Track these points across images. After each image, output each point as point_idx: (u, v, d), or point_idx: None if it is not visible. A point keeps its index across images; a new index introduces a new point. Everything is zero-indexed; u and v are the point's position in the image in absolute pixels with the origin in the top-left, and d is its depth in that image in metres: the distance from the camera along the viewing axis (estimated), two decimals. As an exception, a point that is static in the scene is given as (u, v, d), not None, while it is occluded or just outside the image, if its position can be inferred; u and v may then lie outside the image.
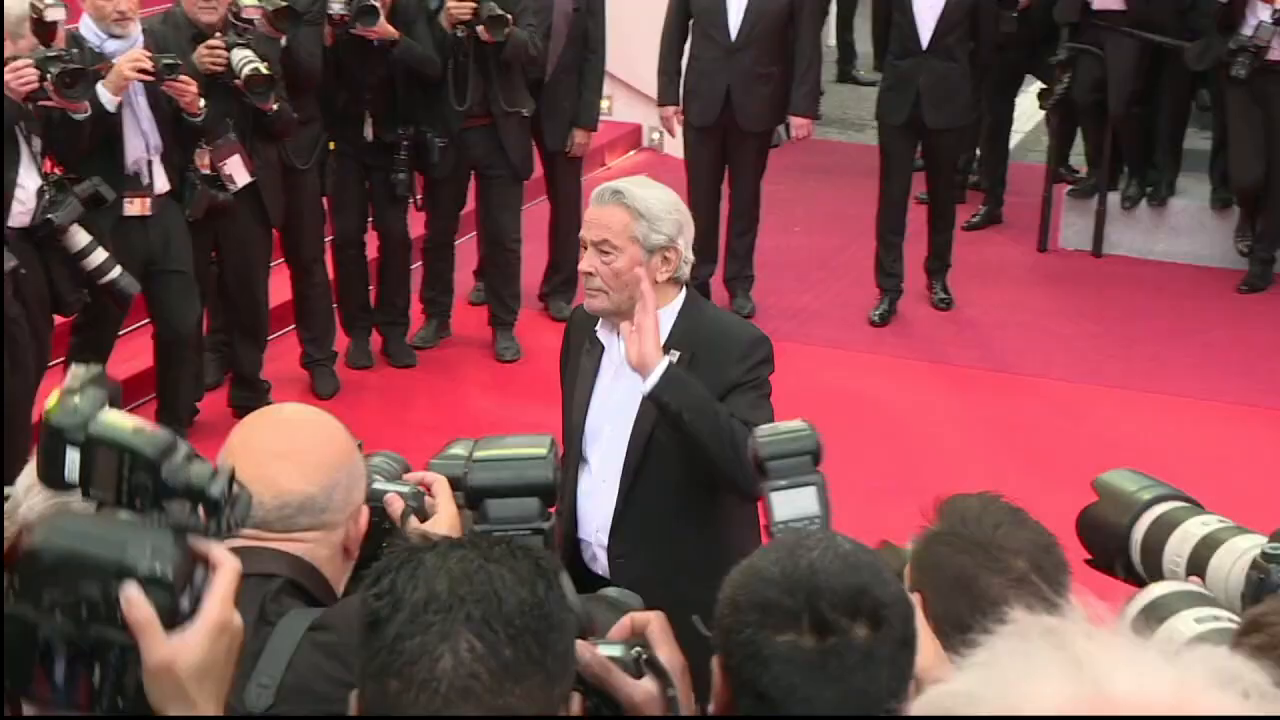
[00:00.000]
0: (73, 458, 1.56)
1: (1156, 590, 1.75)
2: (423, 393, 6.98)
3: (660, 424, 3.53)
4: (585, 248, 3.59)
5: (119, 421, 1.58)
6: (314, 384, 6.87)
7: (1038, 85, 9.11)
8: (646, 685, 1.90)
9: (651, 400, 3.41)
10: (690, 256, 3.63)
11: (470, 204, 7.43)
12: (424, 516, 2.33)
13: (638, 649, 1.92)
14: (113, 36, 5.68)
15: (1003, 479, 2.66)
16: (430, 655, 1.49)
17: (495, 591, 1.52)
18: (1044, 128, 9.75)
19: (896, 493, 5.50)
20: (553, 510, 2.24)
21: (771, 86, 7.56)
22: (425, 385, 7.08)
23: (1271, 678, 0.89)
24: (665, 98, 7.69)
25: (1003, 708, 0.79)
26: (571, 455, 3.71)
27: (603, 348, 3.70)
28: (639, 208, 3.54)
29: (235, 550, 2.07)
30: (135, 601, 1.49)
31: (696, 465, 3.53)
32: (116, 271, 5.52)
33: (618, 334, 3.60)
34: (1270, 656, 1.43)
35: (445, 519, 2.37)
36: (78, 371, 1.64)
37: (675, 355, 3.52)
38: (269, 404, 6.61)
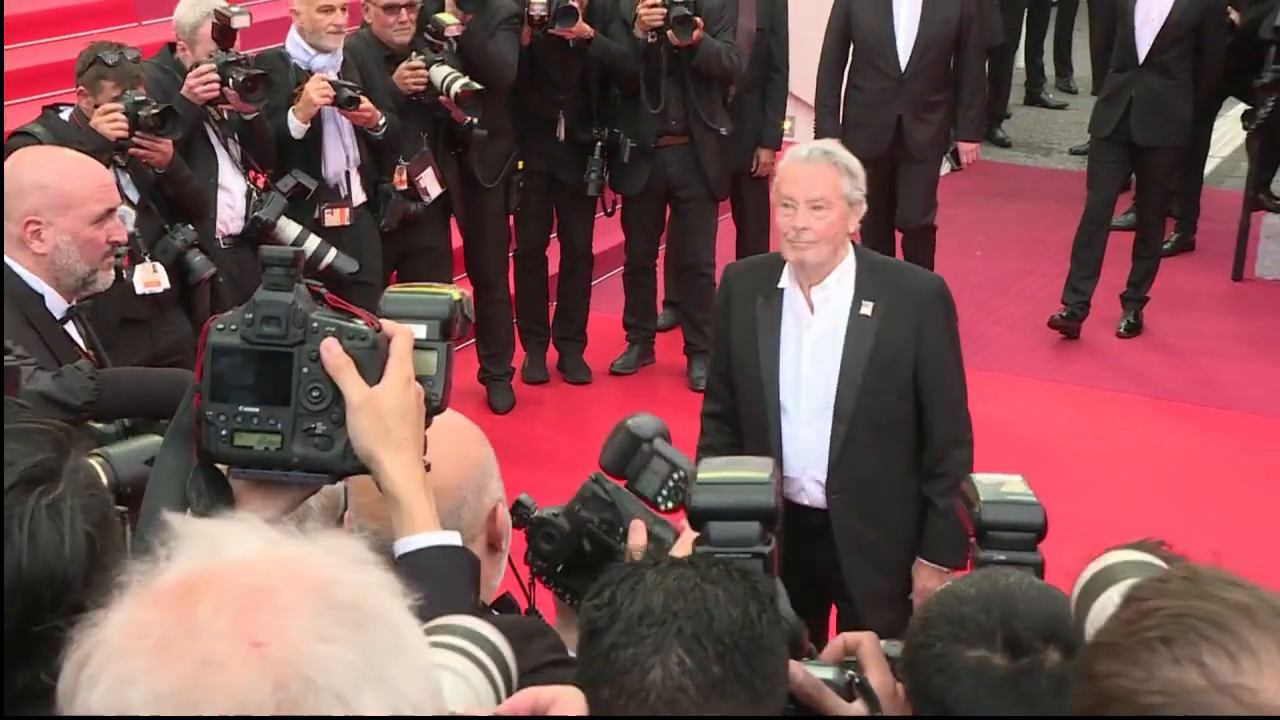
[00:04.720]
0: None
1: (1109, 558, 1.69)
2: (598, 410, 7.03)
3: (872, 368, 3.87)
4: (789, 206, 3.85)
5: None
6: (490, 398, 6.95)
7: (1238, 108, 8.82)
8: (857, 708, 1.91)
9: None
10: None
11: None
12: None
13: (850, 671, 1.94)
14: (321, 52, 5.79)
15: (1185, 516, 2.58)
16: (641, 666, 1.56)
17: (708, 609, 1.58)
18: (1241, 154, 9.43)
19: (1069, 527, 5.37)
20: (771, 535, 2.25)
21: (941, 114, 7.41)
22: (601, 402, 7.14)
23: None
24: (824, 130, 7.23)
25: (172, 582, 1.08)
26: (768, 401, 4.00)
27: (781, 297, 3.97)
28: (848, 166, 3.89)
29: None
30: (331, 347, 1.64)
31: (906, 406, 3.94)
32: (332, 254, 5.67)
33: (798, 285, 3.95)
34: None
35: (686, 542, 2.35)
36: None
37: (869, 307, 3.88)
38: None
